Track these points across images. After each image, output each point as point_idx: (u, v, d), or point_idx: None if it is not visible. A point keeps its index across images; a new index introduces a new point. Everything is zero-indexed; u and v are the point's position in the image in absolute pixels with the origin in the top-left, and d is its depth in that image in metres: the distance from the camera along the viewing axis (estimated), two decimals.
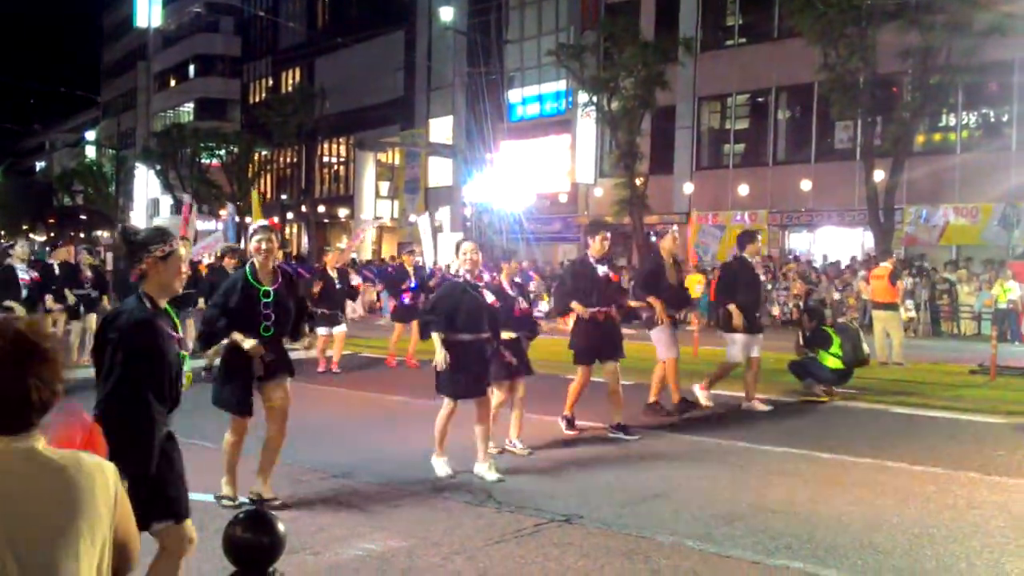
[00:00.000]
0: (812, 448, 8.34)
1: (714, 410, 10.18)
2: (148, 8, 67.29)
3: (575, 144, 34.26)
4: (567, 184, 34.82)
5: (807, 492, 6.84)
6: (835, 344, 11.32)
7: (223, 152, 49.18)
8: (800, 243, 29.65)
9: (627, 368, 9.39)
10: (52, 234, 65.55)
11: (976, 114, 25.96)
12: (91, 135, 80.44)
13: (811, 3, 22.58)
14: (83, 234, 66.81)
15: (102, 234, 65.91)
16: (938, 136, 26.51)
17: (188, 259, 4.12)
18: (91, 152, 68.97)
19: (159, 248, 3.86)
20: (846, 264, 24.78)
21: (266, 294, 6.14)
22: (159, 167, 53.23)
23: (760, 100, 30.67)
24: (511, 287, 8.10)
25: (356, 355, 15.21)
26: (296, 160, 51.89)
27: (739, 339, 10.33)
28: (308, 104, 45.44)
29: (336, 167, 51.43)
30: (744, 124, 31.52)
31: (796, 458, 8.00)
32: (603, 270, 8.98)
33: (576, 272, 9.28)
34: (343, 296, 13.98)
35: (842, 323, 14.02)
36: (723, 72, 30.32)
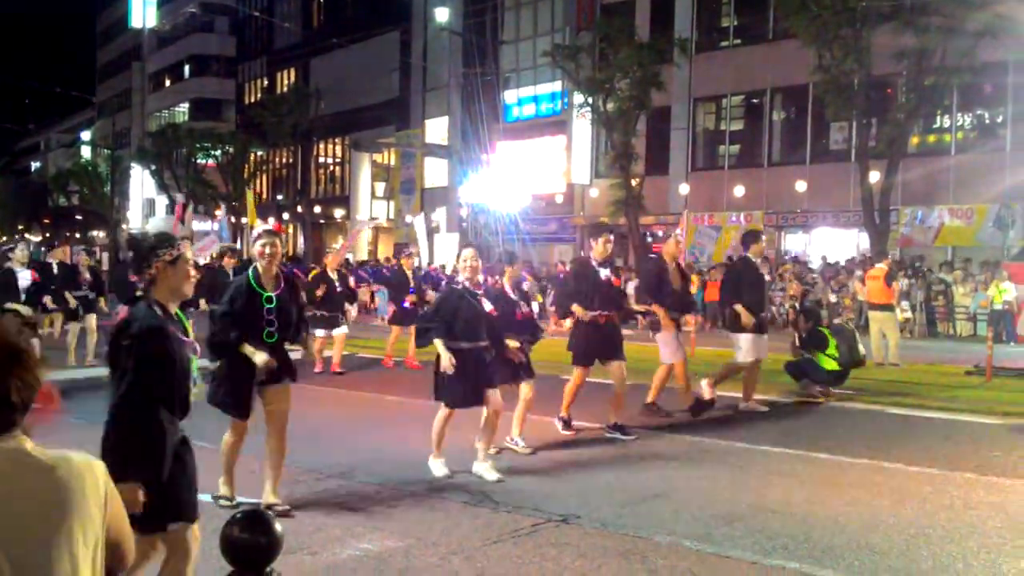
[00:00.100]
0: (809, 449, 8.34)
1: (712, 411, 10.16)
2: (143, 8, 67.26)
3: (571, 145, 34.27)
4: (563, 185, 34.84)
5: (804, 493, 6.85)
6: (831, 345, 11.33)
7: (218, 152, 49.16)
8: (795, 244, 29.70)
9: (626, 369, 9.38)
10: (48, 234, 65.54)
11: (970, 115, 26.00)
12: (86, 135, 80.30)
13: (806, 5, 22.61)
14: (78, 234, 66.79)
15: (98, 234, 65.86)
16: (933, 137, 26.55)
17: (192, 260, 4.14)
18: (86, 152, 68.85)
19: (167, 253, 3.89)
20: (841, 264, 24.80)
21: (269, 300, 6.08)
22: (154, 167, 53.18)
23: (755, 101, 30.71)
24: (513, 291, 8.07)
25: (353, 355, 15.19)
26: (292, 160, 51.85)
27: (747, 339, 10.32)
28: (303, 104, 45.43)
29: (332, 168, 51.40)
30: (739, 125, 31.57)
31: (793, 459, 8.01)
32: (605, 273, 8.98)
33: (578, 274, 9.27)
34: (343, 298, 13.96)
35: (838, 324, 14.04)
36: (718, 73, 30.36)
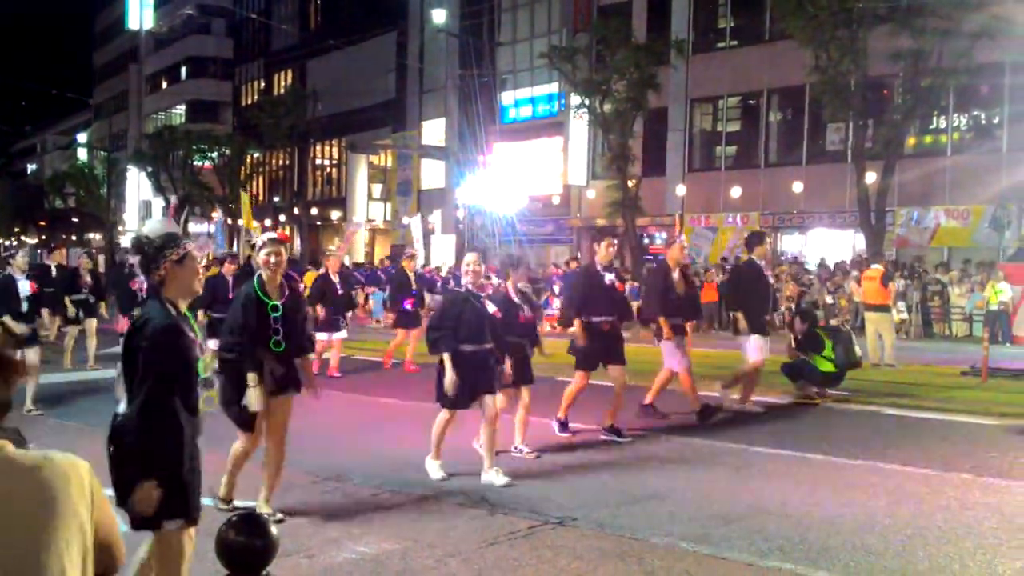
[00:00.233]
0: (805, 450, 8.35)
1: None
2: (140, 10, 67.26)
3: (567, 146, 34.30)
4: (559, 186, 34.87)
5: (800, 494, 6.85)
6: (827, 347, 11.34)
7: (215, 154, 49.12)
8: (792, 245, 29.72)
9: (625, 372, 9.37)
10: (44, 237, 65.45)
11: (967, 116, 26.05)
12: (83, 137, 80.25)
13: (802, 6, 22.64)
14: (75, 237, 66.66)
15: (94, 237, 65.78)
16: (929, 138, 26.59)
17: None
18: (83, 154, 68.73)
19: (174, 252, 3.94)
20: (835, 264, 24.80)
21: (275, 308, 6.02)
22: (151, 169, 53.12)
23: (752, 102, 30.75)
24: (516, 295, 8.05)
25: (350, 358, 15.18)
26: (288, 162, 51.84)
27: (756, 340, 10.30)
28: (300, 106, 45.42)
29: (328, 169, 51.40)
30: (736, 126, 31.60)
31: (789, 460, 8.02)
32: (610, 278, 8.96)
33: (585, 281, 9.21)
34: (345, 301, 13.93)
35: (834, 326, 14.05)
36: (715, 74, 30.39)
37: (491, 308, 7.25)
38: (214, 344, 7.05)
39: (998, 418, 10.16)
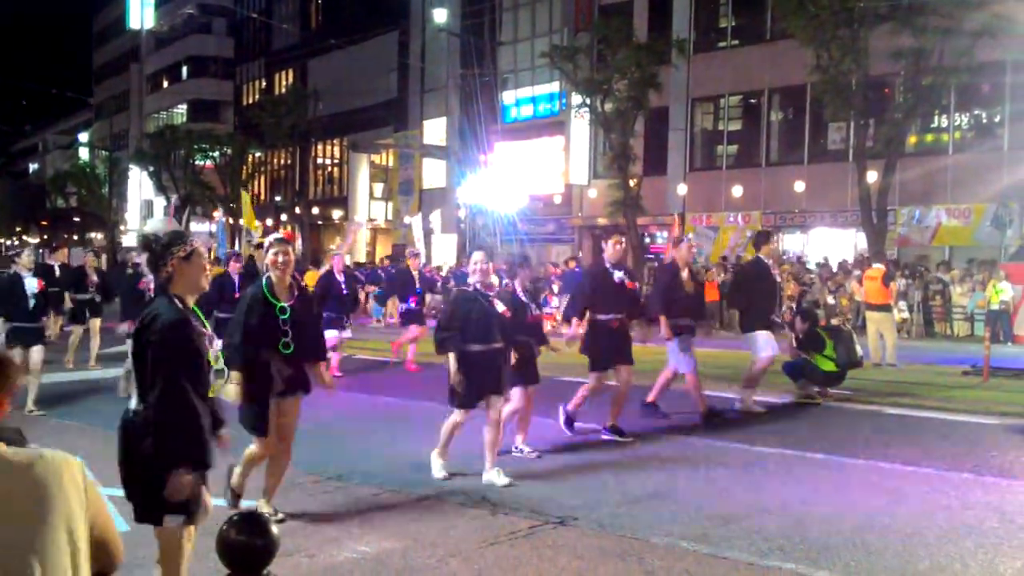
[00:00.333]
0: (806, 449, 8.35)
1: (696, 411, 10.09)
2: (141, 9, 67.27)
3: (568, 146, 34.28)
4: (561, 185, 34.85)
5: (801, 493, 6.85)
6: (828, 346, 11.33)
7: (216, 154, 49.14)
8: (793, 244, 29.70)
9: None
10: (45, 236, 65.49)
11: (968, 115, 26.03)
12: (84, 137, 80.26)
13: (804, 5, 22.62)
14: (76, 236, 66.71)
15: (95, 236, 65.82)
16: (930, 137, 26.58)
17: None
18: (84, 154, 68.75)
19: (181, 249, 3.99)
20: (837, 264, 24.78)
21: (283, 310, 5.94)
22: (152, 169, 53.14)
23: (753, 102, 30.72)
24: (523, 294, 8.02)
25: (351, 357, 15.18)
26: (289, 162, 51.84)
27: (763, 336, 10.30)
28: (301, 105, 45.42)
29: (330, 169, 51.41)
30: (737, 125, 31.57)
31: (790, 459, 8.02)
32: (619, 276, 8.92)
33: (593, 279, 9.18)
34: (350, 300, 13.94)
35: (835, 325, 14.05)
36: (716, 74, 30.37)
37: (500, 307, 7.21)
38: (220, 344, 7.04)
39: (999, 417, 10.16)
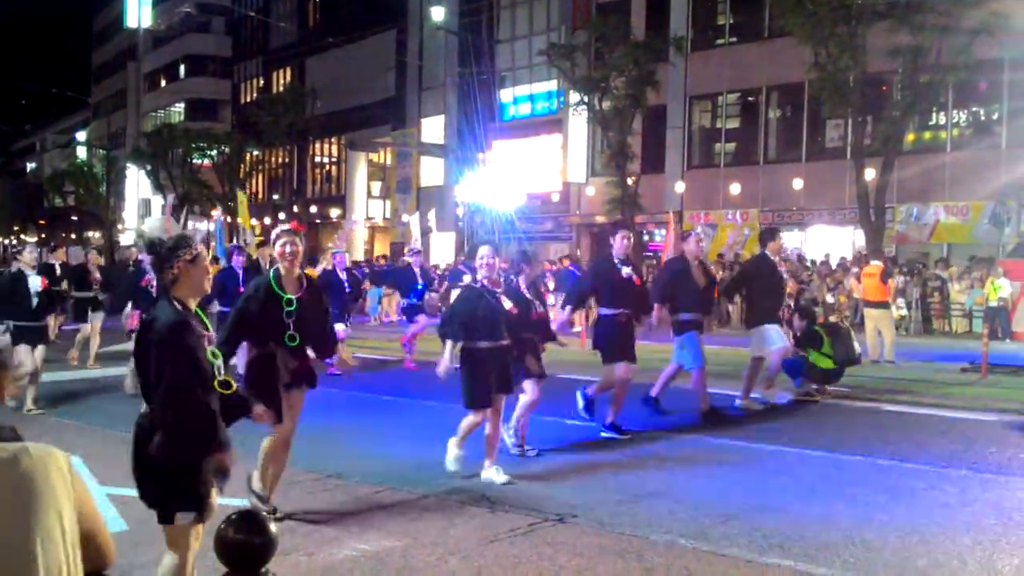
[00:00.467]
0: (804, 446, 8.36)
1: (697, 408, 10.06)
2: (138, 8, 67.11)
3: (566, 144, 34.28)
4: (559, 183, 34.85)
5: (799, 490, 6.86)
6: (826, 344, 11.32)
7: (214, 152, 49.08)
8: (791, 242, 29.64)
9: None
10: (43, 235, 65.45)
11: (966, 113, 26.03)
12: (82, 136, 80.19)
13: (801, 2, 22.62)
14: (74, 235, 66.64)
15: (93, 235, 65.74)
16: (928, 135, 26.58)
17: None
18: (82, 153, 68.69)
19: (187, 252, 4.06)
20: (836, 263, 24.79)
21: (289, 302, 5.86)
22: (150, 168, 53.08)
23: (751, 99, 30.73)
24: (528, 291, 7.96)
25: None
26: (287, 160, 51.81)
27: (772, 329, 10.28)
28: (299, 104, 45.38)
29: (328, 167, 51.37)
30: (735, 123, 31.58)
31: (789, 456, 8.03)
32: (627, 271, 8.86)
33: (599, 272, 9.13)
34: (351, 299, 13.95)
35: (833, 322, 14.05)
36: (714, 71, 30.36)
37: (507, 304, 7.16)
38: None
39: (997, 414, 10.17)
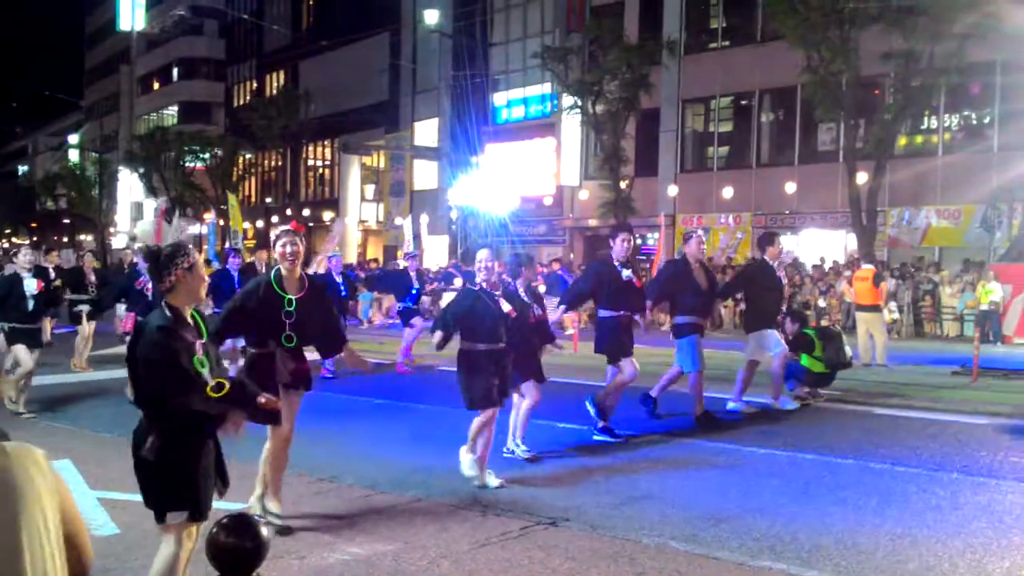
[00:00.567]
0: (796, 449, 8.38)
1: (693, 410, 10.09)
2: (131, 11, 67.09)
3: (560, 147, 34.31)
4: (552, 187, 34.87)
5: (791, 493, 6.87)
6: (817, 347, 11.34)
7: (207, 155, 49.06)
8: (784, 245, 29.70)
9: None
10: (35, 238, 65.26)
11: (958, 116, 26.09)
12: (74, 138, 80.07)
13: (794, 7, 22.70)
14: (66, 238, 66.48)
15: (85, 238, 65.59)
16: (920, 138, 26.64)
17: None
18: (74, 155, 68.59)
19: (185, 260, 4.14)
20: (829, 267, 24.84)
21: (290, 303, 5.83)
22: (143, 171, 53.04)
23: (743, 103, 30.78)
24: (526, 293, 7.94)
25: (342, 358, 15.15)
26: (281, 163, 51.78)
27: (772, 334, 10.29)
28: (293, 107, 45.38)
29: (321, 170, 51.36)
30: (728, 127, 31.62)
31: (780, 460, 8.04)
32: (627, 274, 8.85)
33: (599, 274, 9.09)
34: (347, 301, 13.97)
35: (824, 326, 14.08)
36: (707, 75, 30.42)
37: (506, 307, 7.15)
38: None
39: (988, 417, 10.20)
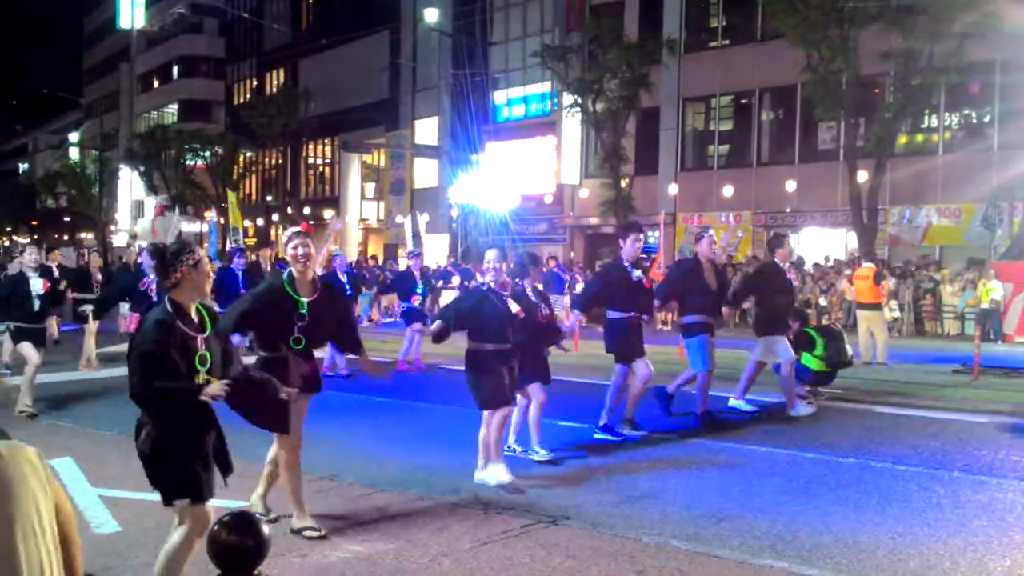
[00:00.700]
0: (797, 448, 8.38)
1: (694, 409, 10.08)
2: (131, 9, 67.01)
3: (560, 145, 34.30)
4: (552, 185, 34.86)
5: (792, 492, 6.87)
6: (818, 346, 11.33)
7: (207, 154, 49.04)
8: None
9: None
10: (35, 236, 65.25)
11: (958, 115, 26.09)
12: (74, 137, 79.97)
13: (794, 5, 22.69)
14: (67, 236, 66.48)
15: (86, 236, 65.59)
16: (920, 137, 26.64)
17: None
18: (74, 154, 68.51)
19: (191, 257, 4.23)
20: (829, 265, 24.84)
21: (303, 306, 5.76)
22: (143, 169, 53.00)
23: (744, 101, 30.76)
24: (533, 294, 7.90)
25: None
26: (281, 162, 51.76)
27: (783, 341, 10.24)
28: (293, 105, 45.35)
29: (321, 169, 51.34)
30: (728, 125, 31.61)
31: (781, 458, 8.04)
32: (637, 275, 8.81)
33: (609, 275, 9.06)
34: (351, 300, 14.02)
35: (825, 324, 14.06)
36: (707, 74, 30.42)
37: (514, 308, 7.11)
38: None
39: (989, 416, 10.21)
